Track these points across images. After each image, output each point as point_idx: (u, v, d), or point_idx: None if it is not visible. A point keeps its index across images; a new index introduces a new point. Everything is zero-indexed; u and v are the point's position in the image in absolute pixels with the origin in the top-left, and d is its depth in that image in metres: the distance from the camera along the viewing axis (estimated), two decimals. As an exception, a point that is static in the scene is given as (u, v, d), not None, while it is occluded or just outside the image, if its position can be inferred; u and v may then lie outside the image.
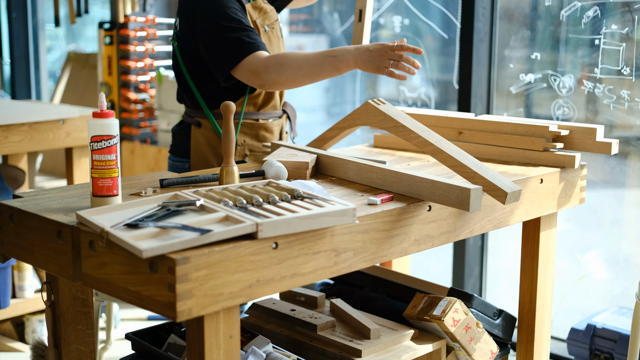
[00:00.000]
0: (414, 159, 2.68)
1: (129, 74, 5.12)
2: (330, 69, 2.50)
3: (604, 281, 3.75)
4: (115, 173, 1.92)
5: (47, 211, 1.94)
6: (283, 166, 2.28)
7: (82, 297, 2.14)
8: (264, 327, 2.57)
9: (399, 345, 2.44)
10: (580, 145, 2.58)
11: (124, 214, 1.86)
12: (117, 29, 5.15)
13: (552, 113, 3.61)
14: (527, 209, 2.44)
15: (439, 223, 2.16)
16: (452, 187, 2.04)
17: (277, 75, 2.54)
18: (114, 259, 1.74)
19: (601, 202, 3.77)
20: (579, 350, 3.11)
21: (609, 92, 3.40)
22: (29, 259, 2.00)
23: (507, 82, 3.74)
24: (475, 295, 2.68)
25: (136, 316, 4.18)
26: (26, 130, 3.51)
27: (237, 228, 1.71)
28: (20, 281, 3.75)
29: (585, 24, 3.43)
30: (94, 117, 1.90)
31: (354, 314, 2.53)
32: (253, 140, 2.82)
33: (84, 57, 5.64)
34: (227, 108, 2.12)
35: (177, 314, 1.63)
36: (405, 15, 4.23)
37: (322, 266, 1.88)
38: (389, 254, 2.05)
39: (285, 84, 2.57)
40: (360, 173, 2.29)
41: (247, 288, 1.74)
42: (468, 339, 2.48)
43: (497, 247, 4.09)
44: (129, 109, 5.13)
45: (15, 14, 5.84)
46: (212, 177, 2.25)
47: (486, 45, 3.70)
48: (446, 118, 2.77)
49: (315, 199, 1.92)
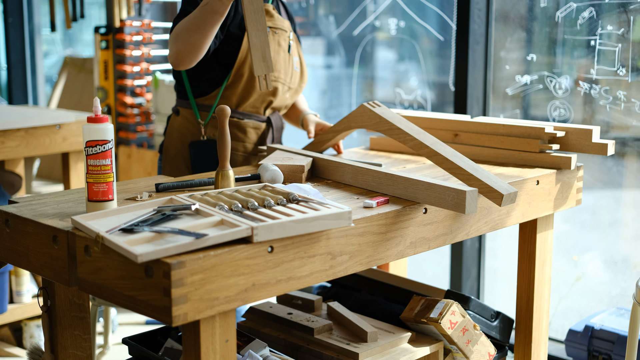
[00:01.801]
0: (410, 161, 2.68)
1: (125, 78, 5.12)
2: (209, 15, 2.49)
3: (602, 282, 3.75)
4: (110, 178, 1.92)
5: (43, 216, 1.94)
6: (279, 170, 2.28)
7: (79, 302, 2.14)
8: (261, 331, 2.57)
9: (396, 348, 2.44)
10: (576, 146, 2.58)
11: (120, 218, 1.86)
12: (113, 34, 5.14)
13: (548, 114, 3.61)
14: (523, 210, 2.44)
15: (435, 225, 2.16)
16: (448, 189, 2.04)
17: (175, 46, 2.57)
18: (109, 263, 1.73)
19: (599, 203, 3.77)
20: (577, 352, 3.11)
21: (605, 93, 3.40)
22: (24, 265, 1.99)
23: (503, 84, 3.75)
24: (472, 298, 2.68)
25: (134, 320, 4.18)
26: (22, 136, 3.51)
27: (232, 232, 1.71)
28: (18, 286, 3.74)
29: (581, 25, 3.43)
30: (89, 122, 1.90)
31: (351, 317, 2.53)
32: None
33: (80, 61, 5.63)
34: (222, 112, 2.12)
35: (172, 318, 1.63)
36: (401, 18, 4.23)
37: (318, 269, 1.88)
38: (385, 257, 2.05)
39: (189, 52, 2.56)
40: (356, 176, 2.29)
41: (242, 292, 1.74)
42: (465, 342, 2.48)
43: (494, 248, 4.09)
44: (126, 113, 5.13)
45: (12, 19, 5.84)
46: (207, 181, 2.25)
47: (482, 47, 3.71)
48: (442, 120, 2.77)
49: (310, 202, 1.92)
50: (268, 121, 2.88)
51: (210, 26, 2.52)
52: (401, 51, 4.40)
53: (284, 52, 2.84)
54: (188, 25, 2.54)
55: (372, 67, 4.53)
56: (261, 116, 2.87)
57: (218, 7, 2.48)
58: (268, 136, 2.88)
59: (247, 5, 2.42)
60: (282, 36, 2.84)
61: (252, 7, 2.43)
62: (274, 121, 2.89)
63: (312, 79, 3.27)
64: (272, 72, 2.45)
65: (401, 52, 4.40)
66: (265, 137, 2.88)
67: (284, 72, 2.84)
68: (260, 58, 2.44)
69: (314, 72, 4.74)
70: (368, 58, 4.51)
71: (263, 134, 2.88)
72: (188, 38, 2.54)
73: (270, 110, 2.89)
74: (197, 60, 2.61)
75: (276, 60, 2.80)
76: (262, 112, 2.88)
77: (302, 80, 2.97)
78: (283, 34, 2.84)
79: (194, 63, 2.62)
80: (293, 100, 2.98)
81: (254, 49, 2.43)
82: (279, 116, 2.92)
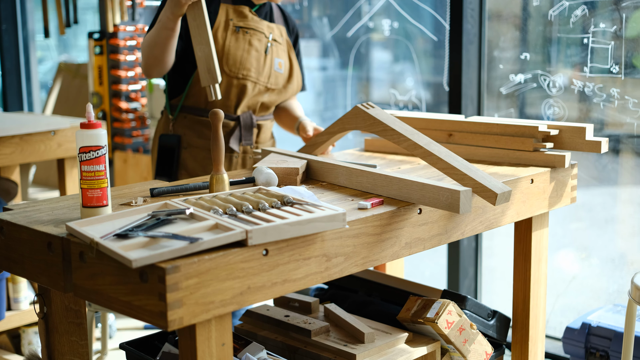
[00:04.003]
0: (405, 162, 2.68)
1: (119, 83, 5.12)
2: (163, 30, 2.70)
3: (599, 279, 3.75)
4: (104, 183, 1.92)
5: (37, 223, 1.94)
6: (273, 173, 2.28)
7: (75, 309, 2.14)
8: (258, 334, 2.57)
9: (394, 349, 2.44)
10: (570, 144, 2.58)
11: (114, 224, 1.86)
12: (106, 39, 5.15)
13: (542, 113, 3.62)
14: (518, 209, 2.44)
15: (430, 226, 2.16)
16: (442, 189, 2.04)
17: (143, 59, 2.83)
18: (104, 269, 1.73)
19: (595, 201, 3.77)
20: (574, 349, 3.11)
21: (599, 90, 3.41)
22: (20, 272, 1.99)
23: (497, 83, 3.75)
24: (469, 297, 2.68)
25: (132, 326, 4.18)
26: (17, 142, 3.51)
27: (226, 236, 1.71)
28: (15, 293, 3.74)
29: (574, 23, 3.44)
30: (82, 128, 1.90)
31: (348, 319, 2.53)
32: (193, 134, 2.95)
33: (74, 67, 5.63)
34: (215, 115, 2.12)
35: (168, 323, 1.63)
36: (395, 19, 4.24)
37: (313, 272, 1.88)
38: (380, 258, 2.05)
39: (153, 64, 2.80)
40: (350, 177, 2.29)
41: (238, 295, 1.74)
42: (462, 341, 2.48)
43: (492, 247, 4.10)
44: (121, 118, 5.13)
45: (5, 26, 5.84)
46: (202, 185, 2.25)
47: (475, 46, 3.71)
48: (436, 120, 2.77)
49: (305, 204, 1.92)
50: (237, 119, 2.95)
51: (165, 40, 2.73)
52: (395, 52, 4.40)
53: (257, 52, 2.95)
54: (149, 41, 2.77)
55: (367, 69, 4.54)
56: (231, 115, 2.97)
57: (168, 23, 2.68)
58: (234, 134, 2.96)
59: (190, 22, 2.63)
60: (256, 36, 2.96)
61: (195, 22, 2.63)
62: (242, 120, 2.96)
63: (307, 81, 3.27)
64: (217, 82, 2.62)
65: (395, 53, 4.40)
66: (231, 135, 2.96)
67: (256, 70, 2.94)
68: (206, 70, 2.62)
69: (309, 74, 4.74)
70: (362, 59, 4.52)
71: (229, 132, 2.97)
72: (150, 52, 2.77)
73: (245, 109, 2.96)
74: (165, 70, 2.83)
75: (245, 59, 2.92)
76: (232, 110, 2.97)
77: (289, 83, 3.04)
78: (257, 34, 2.96)
79: (163, 72, 2.84)
80: (276, 101, 3.06)
81: (199, 62, 2.63)
82: (250, 115, 2.99)
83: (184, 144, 2.97)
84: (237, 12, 2.94)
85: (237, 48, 2.90)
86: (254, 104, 2.99)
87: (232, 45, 2.89)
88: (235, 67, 2.90)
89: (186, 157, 2.97)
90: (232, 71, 2.90)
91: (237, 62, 2.90)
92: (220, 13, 2.91)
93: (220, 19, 2.91)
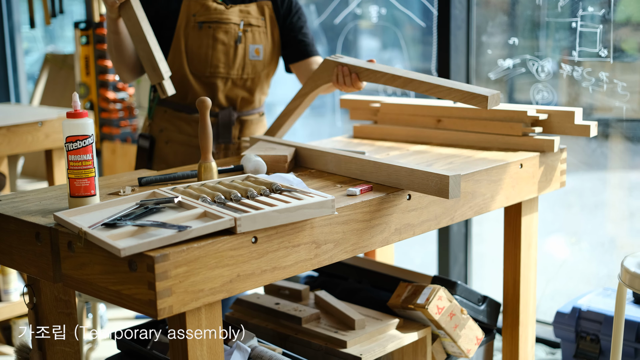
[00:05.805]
0: (394, 148, 2.68)
1: (107, 73, 5.09)
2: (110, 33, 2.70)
3: (589, 264, 3.76)
4: (92, 173, 1.91)
5: (25, 213, 1.93)
6: (262, 160, 2.27)
7: (65, 299, 2.13)
8: (249, 322, 2.57)
9: (384, 335, 2.44)
10: (559, 128, 2.58)
11: (102, 213, 1.85)
12: (93, 29, 5.11)
13: (532, 98, 3.61)
14: (507, 194, 2.44)
15: (419, 211, 2.16)
16: (431, 175, 2.04)
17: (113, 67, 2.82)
18: (93, 259, 1.73)
19: (584, 185, 3.78)
20: (565, 333, 3.12)
21: (588, 74, 3.41)
22: (8, 262, 1.99)
23: (486, 69, 3.75)
24: (459, 282, 2.68)
25: (124, 315, 4.17)
26: (4, 134, 3.49)
27: (215, 224, 1.71)
28: (5, 285, 3.73)
29: (562, 7, 3.43)
30: (68, 118, 1.89)
31: (338, 306, 2.53)
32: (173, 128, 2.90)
33: (61, 58, 5.60)
34: (202, 104, 2.11)
35: (157, 311, 1.62)
36: (383, 5, 4.22)
37: (302, 259, 1.88)
38: (370, 244, 2.05)
39: (118, 68, 2.80)
40: (339, 164, 2.29)
41: (227, 283, 1.74)
42: (453, 326, 2.48)
43: (482, 233, 4.10)
44: (109, 108, 5.11)
45: (-10, 17, 5.80)
46: (190, 173, 2.24)
47: (463, 32, 3.70)
48: (424, 106, 2.77)
49: (293, 191, 1.92)
50: (215, 116, 2.88)
51: (115, 43, 2.72)
52: (384, 39, 4.39)
53: (224, 45, 2.81)
54: (107, 47, 2.80)
55: (355, 56, 4.52)
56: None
57: (111, 27, 2.68)
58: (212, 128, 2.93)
59: (126, 22, 2.60)
60: (221, 29, 2.80)
61: (130, 22, 2.59)
62: (220, 117, 2.88)
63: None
64: (164, 79, 2.55)
65: (384, 39, 4.39)
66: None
67: (225, 65, 2.82)
68: (151, 69, 2.57)
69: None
70: (350, 47, 4.50)
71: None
72: (111, 57, 2.80)
73: (224, 104, 2.89)
74: (134, 71, 2.81)
75: (211, 55, 2.80)
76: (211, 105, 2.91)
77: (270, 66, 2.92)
78: (222, 26, 2.81)
79: (135, 74, 2.82)
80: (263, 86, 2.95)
81: (143, 62, 2.59)
82: (229, 112, 2.89)
83: (165, 139, 2.91)
84: (200, 5, 2.79)
85: (200, 46, 2.78)
86: (234, 98, 2.89)
87: (194, 44, 2.79)
88: (201, 66, 2.80)
89: (167, 152, 2.91)
90: (199, 70, 2.81)
91: (202, 60, 2.80)
92: (182, 10, 2.78)
93: (182, 17, 2.79)
